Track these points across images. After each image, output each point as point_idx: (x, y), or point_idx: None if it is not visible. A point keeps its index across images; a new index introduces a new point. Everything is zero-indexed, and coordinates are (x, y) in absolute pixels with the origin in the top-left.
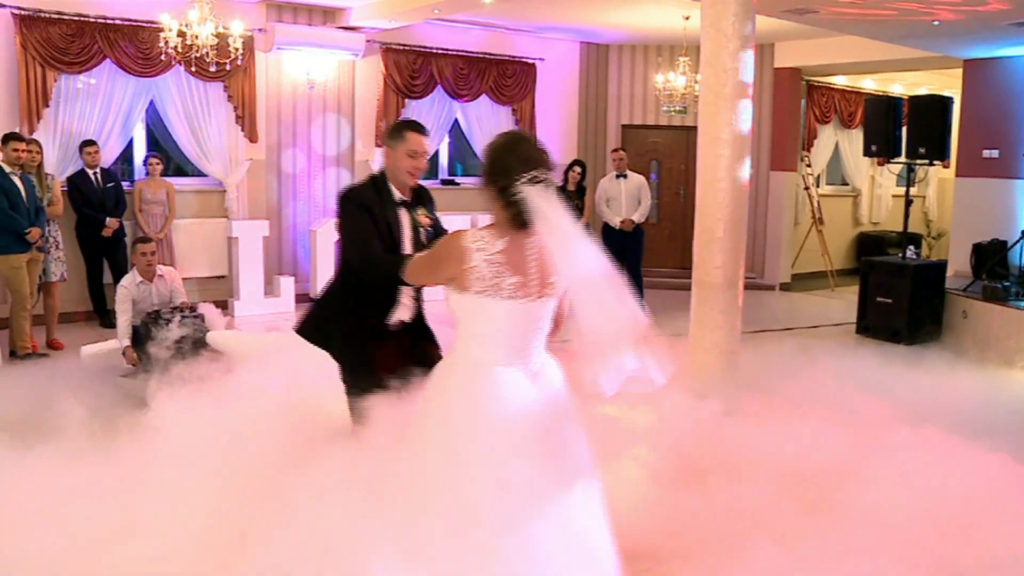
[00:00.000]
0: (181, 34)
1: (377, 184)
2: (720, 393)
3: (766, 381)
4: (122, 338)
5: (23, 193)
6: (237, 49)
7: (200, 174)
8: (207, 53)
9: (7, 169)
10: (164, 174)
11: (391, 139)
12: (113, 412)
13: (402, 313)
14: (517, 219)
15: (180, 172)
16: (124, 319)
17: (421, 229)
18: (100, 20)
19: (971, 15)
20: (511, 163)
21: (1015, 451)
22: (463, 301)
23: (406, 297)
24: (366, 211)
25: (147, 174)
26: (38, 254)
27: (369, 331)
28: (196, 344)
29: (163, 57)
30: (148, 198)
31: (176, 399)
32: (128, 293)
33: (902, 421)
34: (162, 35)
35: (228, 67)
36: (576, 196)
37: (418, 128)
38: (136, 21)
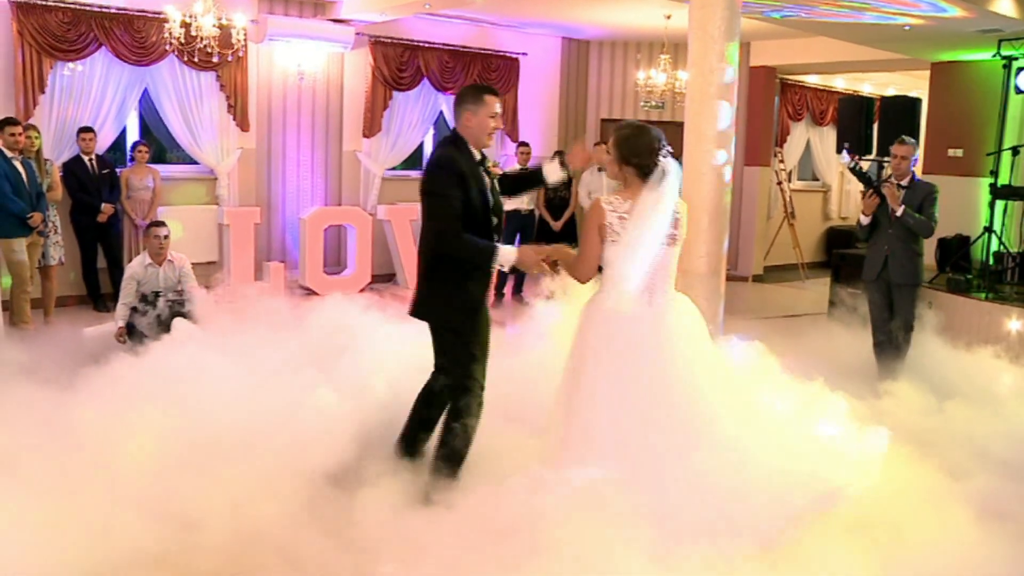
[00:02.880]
0: (185, 25)
1: (460, 148)
2: None
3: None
4: (118, 319)
5: (24, 178)
6: (239, 40)
7: (189, 161)
8: (209, 44)
9: (8, 154)
10: (157, 161)
11: (473, 103)
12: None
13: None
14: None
15: (166, 160)
16: (122, 303)
17: (495, 181)
18: (96, 8)
19: (940, 22)
20: (652, 144)
21: None
22: (606, 252)
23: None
24: (460, 178)
25: (132, 160)
26: (38, 238)
27: (469, 303)
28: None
29: (167, 47)
30: (135, 185)
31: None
32: (134, 275)
33: None
34: (166, 26)
35: (230, 58)
36: (562, 187)
37: (495, 92)
38: (131, 10)
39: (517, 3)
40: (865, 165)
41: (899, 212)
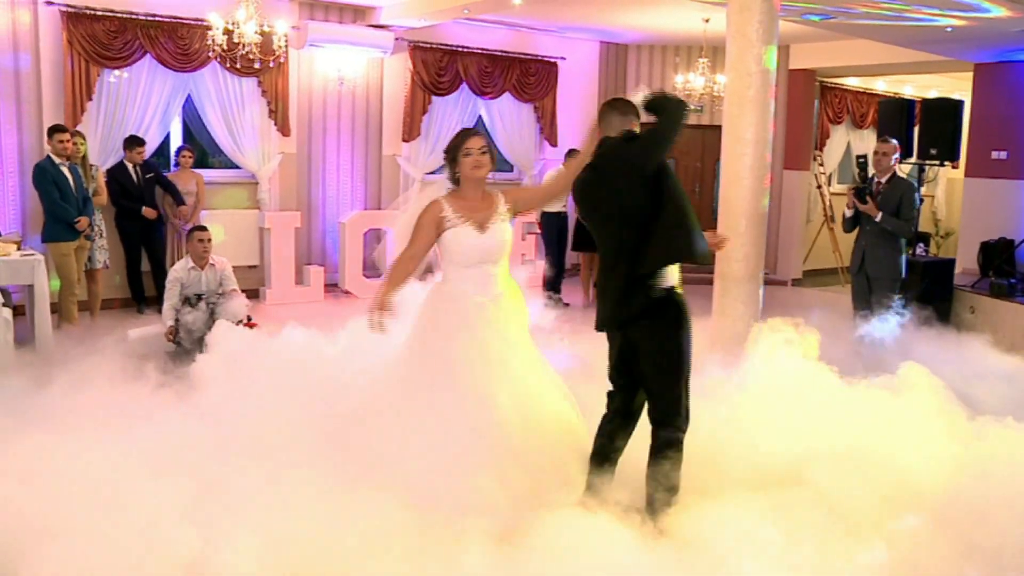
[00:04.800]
0: (227, 32)
1: None
2: None
3: None
4: (165, 320)
5: (72, 183)
6: (281, 47)
7: (231, 166)
8: (251, 51)
9: (56, 160)
10: (199, 166)
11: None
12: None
13: None
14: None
15: (208, 165)
16: (168, 304)
17: None
18: (142, 17)
19: (983, 22)
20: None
21: None
22: None
23: None
24: None
25: (176, 166)
26: (85, 242)
27: None
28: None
29: (210, 54)
30: (180, 189)
31: None
32: (178, 278)
33: None
34: (210, 33)
35: (272, 64)
36: None
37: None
38: (175, 18)
39: (555, 7)
40: (906, 168)
41: (878, 218)
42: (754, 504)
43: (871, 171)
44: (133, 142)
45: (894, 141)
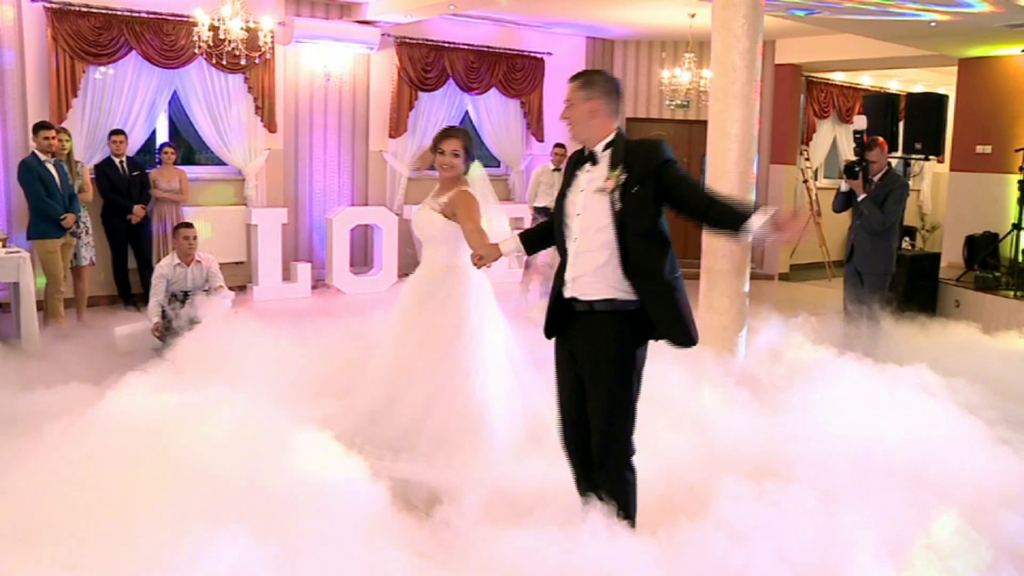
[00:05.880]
0: (213, 28)
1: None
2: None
3: None
4: (151, 317)
5: (57, 180)
6: (267, 43)
7: (218, 163)
8: (237, 47)
9: (42, 157)
10: (186, 163)
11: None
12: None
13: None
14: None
15: (195, 161)
16: (154, 300)
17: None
18: (127, 13)
19: (967, 17)
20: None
21: None
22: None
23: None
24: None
25: (160, 163)
26: (71, 239)
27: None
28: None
29: (196, 51)
30: (163, 186)
31: None
32: (164, 274)
33: None
34: (195, 29)
35: (257, 60)
36: None
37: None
38: (161, 14)
39: (542, 3)
40: (892, 162)
41: (859, 198)
42: (751, 496)
43: (898, 167)
44: (111, 132)
45: (879, 139)
